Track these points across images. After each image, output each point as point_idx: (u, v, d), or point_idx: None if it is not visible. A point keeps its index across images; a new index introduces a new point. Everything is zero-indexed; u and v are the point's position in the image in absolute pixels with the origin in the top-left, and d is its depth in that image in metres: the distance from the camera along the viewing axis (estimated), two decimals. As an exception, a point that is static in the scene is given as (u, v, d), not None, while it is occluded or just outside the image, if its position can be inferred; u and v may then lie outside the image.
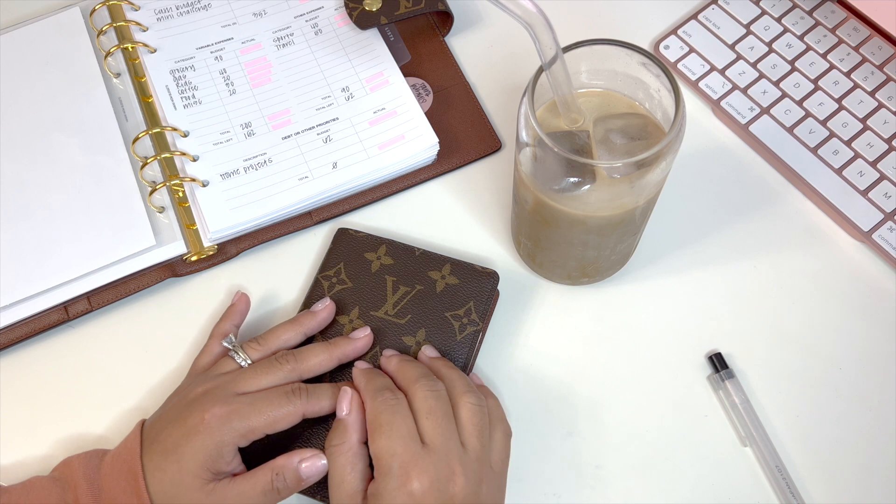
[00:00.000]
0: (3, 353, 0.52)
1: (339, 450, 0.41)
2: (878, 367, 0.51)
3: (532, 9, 0.39)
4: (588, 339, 0.52)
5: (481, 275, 0.50)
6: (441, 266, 0.51)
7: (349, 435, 0.42)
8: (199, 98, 0.58)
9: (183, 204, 0.55)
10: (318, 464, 0.42)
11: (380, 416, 0.41)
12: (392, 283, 0.50)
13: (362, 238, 0.52)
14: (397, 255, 0.51)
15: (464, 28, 0.63)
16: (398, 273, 0.51)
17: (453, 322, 0.49)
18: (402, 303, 0.50)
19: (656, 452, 0.49)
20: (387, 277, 0.51)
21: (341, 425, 0.42)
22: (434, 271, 0.51)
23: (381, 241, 0.52)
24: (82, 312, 0.52)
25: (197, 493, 0.40)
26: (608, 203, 0.43)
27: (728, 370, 0.50)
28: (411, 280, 0.50)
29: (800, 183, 0.55)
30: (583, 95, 0.45)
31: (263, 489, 0.41)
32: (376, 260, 0.51)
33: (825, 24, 0.60)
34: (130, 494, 0.41)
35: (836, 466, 0.48)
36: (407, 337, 0.49)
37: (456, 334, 0.49)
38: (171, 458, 0.41)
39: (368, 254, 0.52)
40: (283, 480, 0.41)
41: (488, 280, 0.50)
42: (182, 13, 0.61)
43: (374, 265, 0.51)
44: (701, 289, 0.53)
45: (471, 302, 0.50)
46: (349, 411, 0.43)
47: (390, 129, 0.57)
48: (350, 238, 0.52)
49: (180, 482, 0.40)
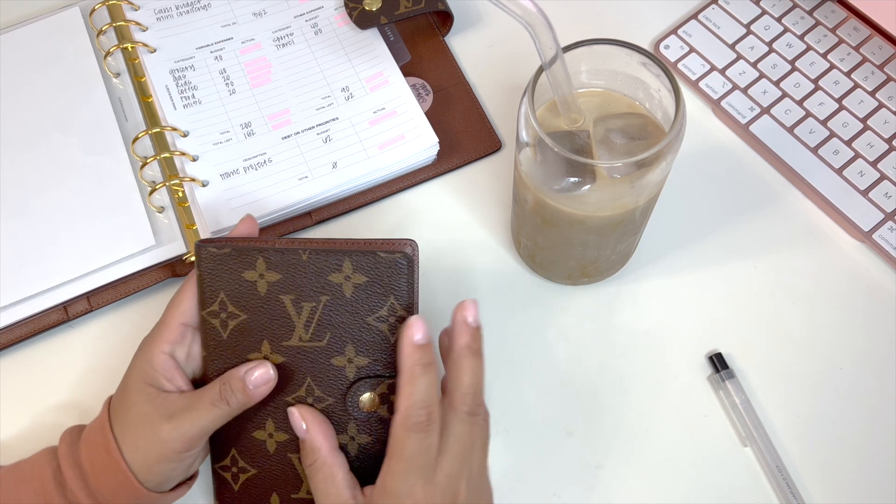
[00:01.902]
0: (3, 353, 0.52)
1: (314, 468, 0.41)
2: (878, 367, 0.51)
3: (532, 9, 0.39)
4: (588, 339, 0.52)
5: (389, 261, 0.41)
6: (340, 265, 0.41)
7: (318, 450, 0.41)
8: (199, 98, 0.58)
9: (183, 204, 0.55)
10: (264, 371, 0.42)
11: (408, 440, 0.39)
12: (291, 302, 0.42)
13: (229, 255, 0.42)
14: (281, 266, 0.42)
15: (464, 28, 0.63)
16: (292, 288, 0.42)
17: (379, 325, 0.42)
18: (314, 322, 0.42)
19: (656, 452, 0.49)
20: (282, 297, 0.42)
21: (307, 444, 0.42)
22: (334, 274, 0.42)
23: (255, 252, 0.42)
24: (82, 312, 0.52)
25: (143, 406, 0.42)
26: (608, 203, 0.43)
27: (728, 370, 0.50)
28: (312, 293, 0.42)
29: (800, 183, 0.55)
30: (583, 95, 0.45)
31: (211, 399, 0.41)
32: (260, 279, 0.42)
33: (825, 23, 0.60)
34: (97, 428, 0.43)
35: (836, 466, 0.48)
36: (336, 358, 0.42)
37: (388, 337, 0.42)
38: (121, 387, 0.43)
39: (247, 273, 0.42)
40: (229, 390, 0.41)
41: (400, 264, 0.41)
42: (182, 13, 0.61)
43: (259, 285, 0.42)
44: (701, 289, 0.53)
45: (391, 297, 0.42)
46: (307, 429, 0.42)
47: (390, 129, 0.57)
48: (215, 257, 0.42)
49: (125, 400, 0.42)
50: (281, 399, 0.43)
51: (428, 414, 0.39)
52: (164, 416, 0.41)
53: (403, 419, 0.39)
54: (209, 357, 0.44)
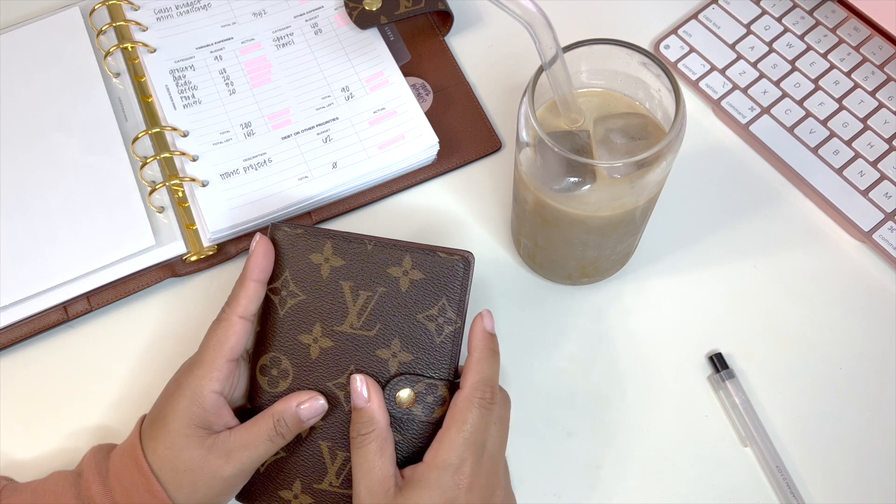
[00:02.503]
0: (3, 352, 0.52)
1: (368, 438, 0.41)
2: (878, 367, 0.51)
3: (532, 8, 0.39)
4: (588, 339, 0.52)
5: (447, 262, 0.43)
6: (400, 260, 0.44)
7: (377, 422, 0.41)
8: (199, 98, 0.58)
9: (183, 204, 0.55)
10: (315, 404, 0.42)
11: (471, 412, 0.41)
12: (349, 288, 0.44)
13: (301, 235, 0.44)
14: (347, 254, 0.44)
15: (464, 28, 0.63)
16: (353, 276, 0.44)
17: (428, 324, 0.44)
18: (367, 311, 0.44)
19: (656, 452, 0.49)
20: (342, 283, 0.44)
21: (366, 414, 0.41)
22: (394, 267, 0.44)
23: (324, 237, 0.44)
24: (82, 312, 0.52)
25: (196, 451, 0.41)
26: (608, 203, 0.43)
27: (728, 370, 0.50)
28: (370, 283, 0.44)
29: (800, 183, 0.55)
30: (583, 95, 0.45)
31: (268, 435, 0.42)
32: (325, 262, 0.44)
33: (825, 23, 0.60)
34: (133, 469, 0.42)
35: (836, 466, 0.48)
36: (381, 350, 0.44)
37: (434, 337, 0.43)
38: (159, 425, 0.42)
39: (314, 255, 0.44)
40: (284, 425, 0.42)
41: (457, 266, 0.43)
42: (182, 13, 0.61)
43: (323, 269, 0.44)
44: (701, 289, 0.53)
45: (443, 298, 0.43)
46: (369, 399, 0.42)
47: (390, 129, 0.57)
48: (287, 237, 0.45)
49: (174, 444, 0.41)
50: (321, 384, 0.44)
51: (492, 393, 0.41)
52: (222, 456, 0.41)
53: (469, 393, 0.41)
54: (262, 333, 0.45)
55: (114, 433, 0.50)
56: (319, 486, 0.45)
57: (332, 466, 0.44)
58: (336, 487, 0.44)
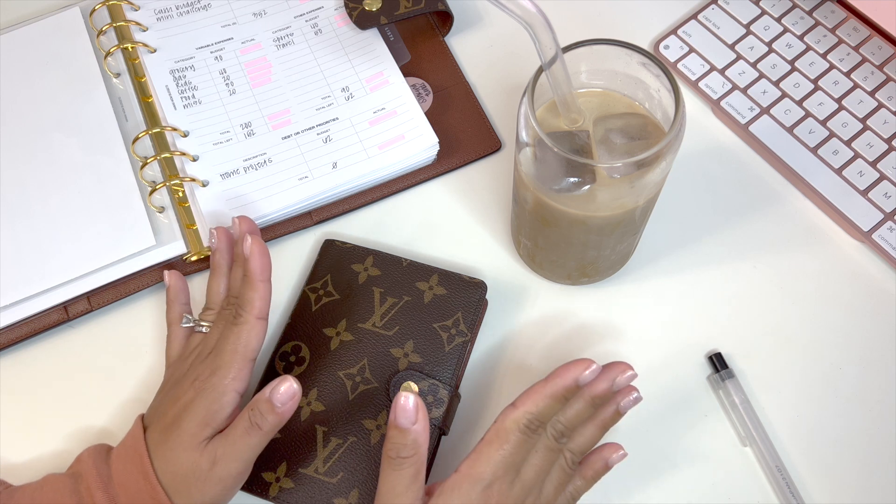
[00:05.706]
0: (3, 353, 0.52)
1: (409, 461, 0.40)
2: (878, 367, 0.51)
3: (532, 9, 0.39)
4: (588, 339, 0.52)
5: (469, 285, 0.50)
6: (429, 276, 0.51)
7: (420, 447, 0.40)
8: (199, 98, 0.58)
9: (183, 204, 0.55)
10: (287, 387, 0.42)
11: (514, 434, 0.41)
12: (379, 294, 0.50)
13: (349, 249, 0.52)
14: (385, 267, 0.51)
15: (464, 28, 0.63)
16: (386, 284, 0.51)
17: (441, 333, 0.49)
18: (390, 314, 0.50)
19: (656, 452, 0.49)
20: (374, 289, 0.50)
21: (411, 436, 0.40)
22: (422, 282, 0.50)
23: (368, 253, 0.52)
24: (82, 312, 0.52)
25: (192, 453, 0.41)
26: (608, 203, 0.43)
27: (728, 370, 0.50)
28: (399, 291, 0.50)
29: (800, 183, 0.55)
30: (583, 95, 0.45)
31: (244, 428, 0.42)
32: (363, 271, 0.51)
33: (825, 24, 0.60)
34: (137, 475, 0.42)
35: (836, 466, 0.48)
36: (395, 349, 0.49)
37: (444, 345, 0.49)
38: (172, 429, 0.42)
39: (356, 265, 0.51)
40: (258, 414, 0.42)
41: (476, 290, 0.50)
42: (182, 13, 0.61)
43: (361, 276, 0.51)
44: (701, 289, 0.53)
45: (459, 312, 0.49)
46: (416, 421, 0.40)
47: (390, 129, 0.57)
48: (337, 249, 0.52)
49: (178, 445, 0.42)
50: (332, 371, 0.48)
51: (540, 425, 0.41)
52: (210, 457, 0.41)
53: (519, 416, 0.41)
54: (291, 324, 0.50)
55: (114, 433, 0.50)
56: (304, 471, 0.46)
57: (322, 452, 0.45)
58: (321, 475, 0.45)
